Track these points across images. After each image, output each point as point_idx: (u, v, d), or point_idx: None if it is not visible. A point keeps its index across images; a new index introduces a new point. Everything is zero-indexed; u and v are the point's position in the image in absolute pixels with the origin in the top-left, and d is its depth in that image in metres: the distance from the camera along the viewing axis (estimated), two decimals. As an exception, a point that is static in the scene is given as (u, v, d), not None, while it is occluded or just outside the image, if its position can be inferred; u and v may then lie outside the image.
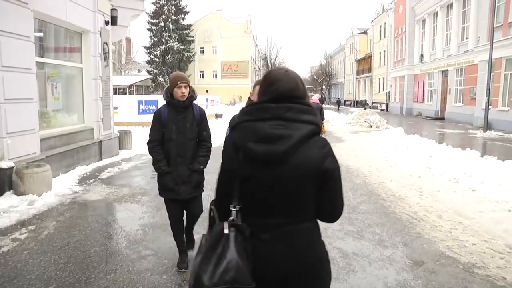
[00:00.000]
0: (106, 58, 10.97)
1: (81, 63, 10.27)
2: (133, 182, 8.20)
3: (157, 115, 3.88)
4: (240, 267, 1.66)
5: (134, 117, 20.57)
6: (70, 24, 9.34)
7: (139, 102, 22.07)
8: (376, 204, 6.63)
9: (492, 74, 20.88)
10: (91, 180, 8.18)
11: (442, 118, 30.45)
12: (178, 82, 3.76)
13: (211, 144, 4.10)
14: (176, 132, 3.81)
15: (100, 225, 5.41)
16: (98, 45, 10.49)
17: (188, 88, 3.82)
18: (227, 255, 1.66)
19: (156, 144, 3.84)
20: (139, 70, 68.63)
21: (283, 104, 1.72)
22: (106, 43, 10.95)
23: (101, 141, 10.69)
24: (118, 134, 12.31)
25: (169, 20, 53.52)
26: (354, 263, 4.32)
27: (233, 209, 1.75)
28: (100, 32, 10.52)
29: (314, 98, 21.69)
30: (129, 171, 9.39)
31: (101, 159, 10.61)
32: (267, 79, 1.81)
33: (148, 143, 3.90)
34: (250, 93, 3.40)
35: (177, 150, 3.82)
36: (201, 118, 3.97)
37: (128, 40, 66.61)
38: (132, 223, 5.49)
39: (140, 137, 14.59)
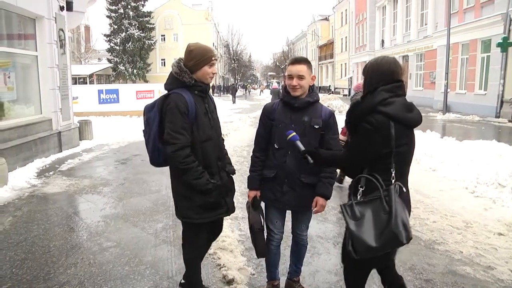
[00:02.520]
0: (62, 45, 10.51)
1: (36, 51, 9.76)
2: (94, 173, 7.95)
3: (183, 105, 2.63)
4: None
5: (95, 107, 20.07)
6: (22, 9, 8.85)
7: (100, 91, 21.54)
8: (339, 186, 6.68)
9: (450, 58, 21.57)
10: (51, 173, 7.86)
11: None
12: (213, 58, 2.77)
13: None
14: (210, 127, 2.82)
15: (60, 219, 5.19)
16: (54, 31, 10.00)
17: None
18: (397, 212, 2.11)
19: (189, 150, 2.66)
20: (99, 59, 66.40)
21: (403, 83, 2.33)
22: (62, 30, 10.47)
23: (60, 132, 10.29)
24: (78, 124, 11.89)
25: (129, 6, 51.96)
26: (318, 245, 4.36)
27: (393, 172, 2.23)
28: (55, 18, 10.03)
29: (274, 84, 22.17)
30: (90, 162, 9.10)
31: (61, 151, 10.22)
32: (392, 66, 2.31)
33: (179, 150, 2.60)
34: (285, 76, 2.98)
35: (214, 152, 2.83)
36: (215, 105, 3.04)
37: (87, 28, 64.30)
38: (93, 215, 5.31)
39: (101, 127, 14.24)
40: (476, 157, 7.73)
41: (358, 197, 2.24)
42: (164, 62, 59.47)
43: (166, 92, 2.79)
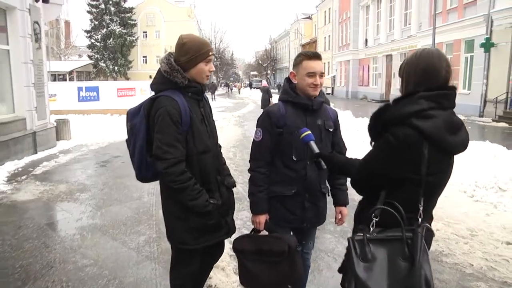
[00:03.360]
0: (37, 39, 9.88)
1: (8, 44, 9.13)
2: (71, 176, 7.42)
3: (175, 111, 2.18)
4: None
5: (74, 105, 19.39)
6: (-10, 0, 8.25)
7: (79, 89, 20.85)
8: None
9: (434, 58, 21.58)
10: (23, 177, 7.29)
11: (387, 101, 30.75)
12: (210, 53, 2.32)
13: None
14: (207, 136, 2.38)
15: (30, 231, 4.65)
16: (28, 24, 9.38)
17: None
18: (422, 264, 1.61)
19: (184, 165, 2.21)
20: (79, 56, 65.03)
21: (455, 92, 1.75)
22: (37, 23, 9.85)
23: (35, 132, 9.69)
24: (55, 123, 11.28)
25: (110, 2, 50.89)
26: (318, 260, 3.98)
27: (421, 207, 1.72)
28: (29, 9, 9.41)
29: (264, 83, 22.37)
30: (67, 165, 8.55)
31: (36, 152, 9.62)
32: (435, 61, 1.73)
33: (172, 167, 2.16)
34: (293, 73, 2.53)
35: (213, 164, 2.40)
36: (211, 108, 2.58)
37: (67, 23, 63.01)
38: (68, 227, 4.82)
39: (81, 126, 13.63)
40: (470, 159, 7.48)
41: (371, 229, 1.72)
42: (146, 59, 58.43)
43: (142, 90, 2.36)
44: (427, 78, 1.72)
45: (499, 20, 17.68)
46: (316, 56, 2.48)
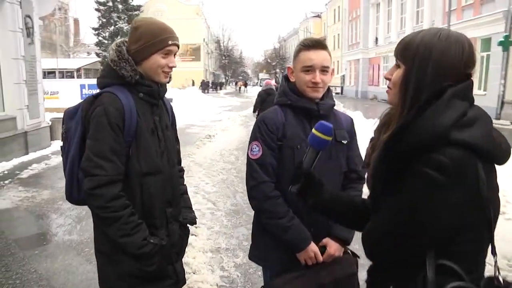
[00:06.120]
0: (30, 34, 9.34)
1: (-4, 39, 8.62)
2: (59, 181, 6.81)
3: (116, 112, 1.64)
4: None
5: (77, 103, 18.77)
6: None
7: (82, 86, 20.39)
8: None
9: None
10: (7, 181, 6.74)
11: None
12: (169, 42, 1.71)
13: None
14: (159, 153, 1.78)
15: (-5, 250, 4.07)
16: (18, 18, 8.84)
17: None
18: None
19: (120, 188, 1.65)
20: (88, 53, 64.99)
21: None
22: (29, 17, 9.31)
23: (26, 132, 9.16)
24: (50, 123, 10.75)
25: (118, 0, 50.72)
26: None
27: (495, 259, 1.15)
28: (20, 2, 8.87)
29: (267, 80, 21.66)
30: (58, 168, 7.97)
31: (27, 153, 9.09)
32: (468, 48, 1.11)
33: (101, 188, 1.59)
34: (290, 68, 1.92)
35: (163, 192, 1.79)
36: (173, 119, 2.01)
37: (76, 21, 62.98)
38: (40, 243, 4.21)
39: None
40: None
41: None
42: (153, 57, 58.26)
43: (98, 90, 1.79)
44: (454, 70, 1.09)
45: (520, 17, 16.92)
46: (317, 45, 1.83)
